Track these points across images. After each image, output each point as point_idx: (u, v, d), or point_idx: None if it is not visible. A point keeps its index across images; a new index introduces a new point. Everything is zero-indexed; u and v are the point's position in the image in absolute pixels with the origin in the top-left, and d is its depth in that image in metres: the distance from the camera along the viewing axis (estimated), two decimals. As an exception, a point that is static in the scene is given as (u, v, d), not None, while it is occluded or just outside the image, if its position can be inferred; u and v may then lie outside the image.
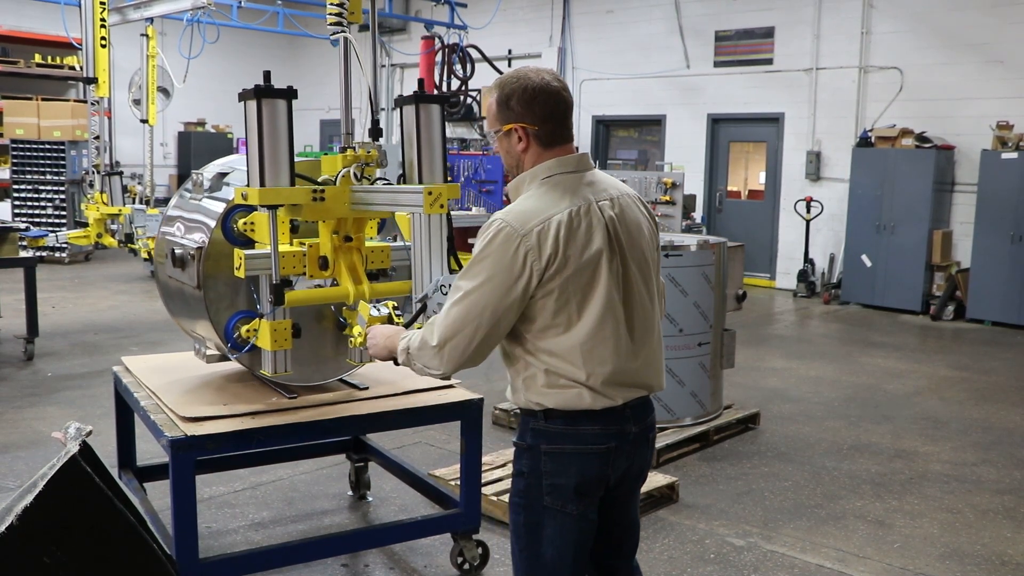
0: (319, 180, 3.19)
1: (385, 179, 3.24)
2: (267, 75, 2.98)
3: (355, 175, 3.14)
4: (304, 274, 3.23)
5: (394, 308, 2.84)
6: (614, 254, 2.23)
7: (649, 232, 2.38)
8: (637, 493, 2.51)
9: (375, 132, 3.25)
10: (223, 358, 3.53)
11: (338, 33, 3.20)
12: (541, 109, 2.24)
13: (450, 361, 2.19)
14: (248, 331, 3.25)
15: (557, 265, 2.14)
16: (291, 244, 3.25)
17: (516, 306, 2.15)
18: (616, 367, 2.21)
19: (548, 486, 2.25)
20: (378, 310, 2.83)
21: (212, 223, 3.30)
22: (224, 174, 3.50)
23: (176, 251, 3.37)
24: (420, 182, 3.03)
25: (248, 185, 3.04)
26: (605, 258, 2.20)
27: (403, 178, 3.10)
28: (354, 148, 3.20)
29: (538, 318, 2.18)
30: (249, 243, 3.27)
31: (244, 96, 2.97)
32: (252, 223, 3.22)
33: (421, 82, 3.16)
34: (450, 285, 2.44)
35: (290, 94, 3.00)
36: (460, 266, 2.46)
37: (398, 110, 3.11)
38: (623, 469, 2.33)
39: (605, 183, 2.33)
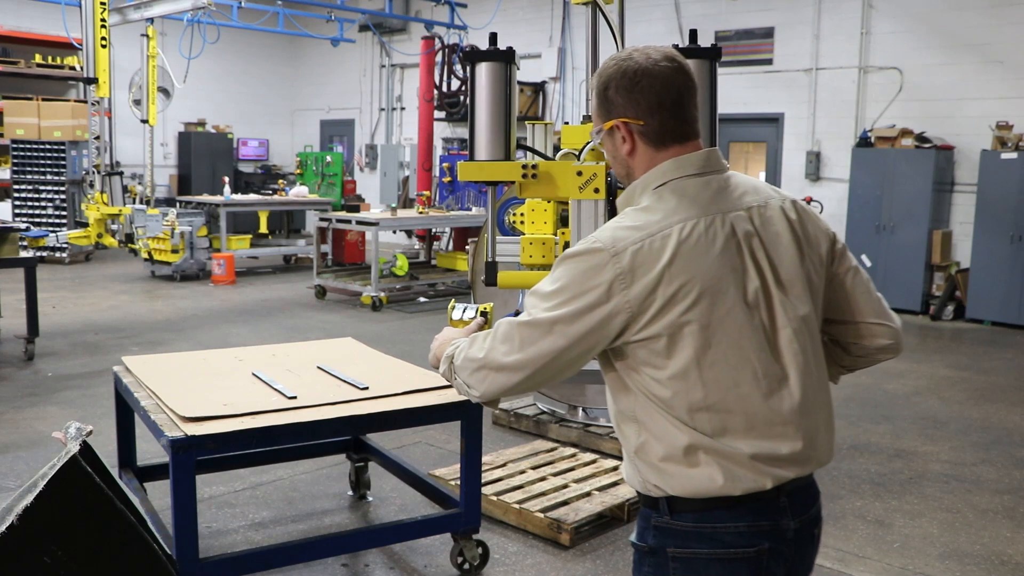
0: (550, 156, 2.81)
1: None
2: (493, 37, 2.65)
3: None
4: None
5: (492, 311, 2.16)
6: (760, 285, 1.68)
7: (806, 249, 1.77)
8: None
9: None
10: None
11: None
12: (645, 98, 1.68)
13: (491, 387, 1.72)
14: None
15: (661, 300, 1.60)
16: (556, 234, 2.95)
17: (586, 349, 1.65)
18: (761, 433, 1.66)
19: None
20: (463, 312, 2.15)
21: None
22: None
23: None
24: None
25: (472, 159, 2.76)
26: (736, 291, 1.64)
27: None
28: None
29: (656, 366, 1.64)
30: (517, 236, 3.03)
31: (464, 58, 2.74)
32: (522, 214, 2.99)
33: (694, 32, 2.82)
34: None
35: (509, 56, 2.62)
36: None
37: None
38: None
39: (743, 188, 1.77)
